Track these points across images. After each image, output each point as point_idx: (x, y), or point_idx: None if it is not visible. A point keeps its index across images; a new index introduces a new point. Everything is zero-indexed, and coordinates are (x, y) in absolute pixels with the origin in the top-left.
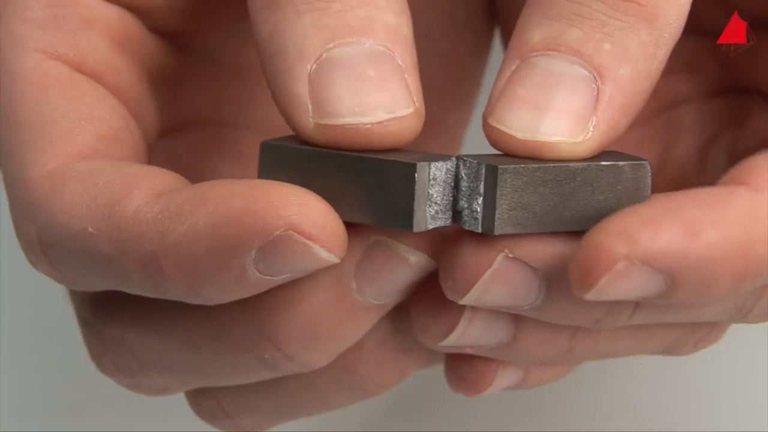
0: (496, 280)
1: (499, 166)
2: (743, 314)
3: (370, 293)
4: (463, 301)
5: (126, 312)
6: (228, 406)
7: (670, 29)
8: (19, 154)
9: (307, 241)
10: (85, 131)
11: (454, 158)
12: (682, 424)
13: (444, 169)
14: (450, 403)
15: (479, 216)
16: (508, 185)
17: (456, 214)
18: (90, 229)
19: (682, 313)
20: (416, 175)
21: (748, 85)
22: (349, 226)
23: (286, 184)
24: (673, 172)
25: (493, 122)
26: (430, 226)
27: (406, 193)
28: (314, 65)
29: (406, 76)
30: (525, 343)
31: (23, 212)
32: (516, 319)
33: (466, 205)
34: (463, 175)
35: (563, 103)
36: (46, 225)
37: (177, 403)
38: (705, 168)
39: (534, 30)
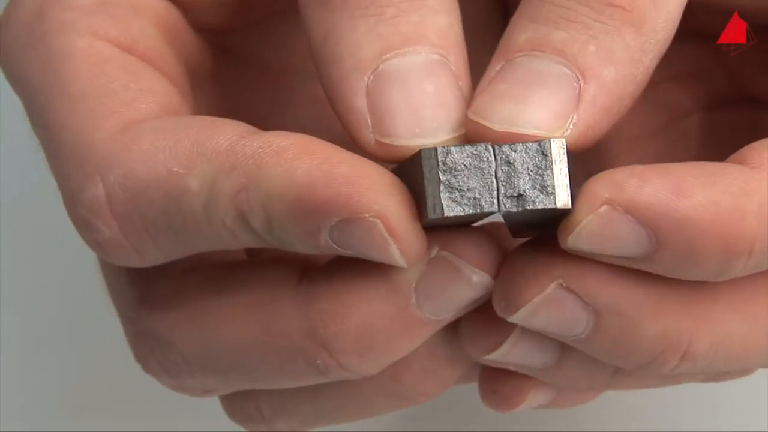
0: (546, 305)
1: (563, 139)
2: None
3: (428, 308)
4: (511, 319)
5: (177, 312)
6: (267, 409)
7: (657, 36)
8: (77, 123)
9: (389, 238)
10: (148, 101)
11: (486, 144)
12: (683, 424)
13: (466, 154)
14: (451, 402)
15: (554, 191)
16: (570, 157)
17: (514, 199)
18: (175, 169)
19: (729, 362)
20: (422, 160)
21: (758, 95)
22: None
23: (395, 177)
24: None
25: (471, 116)
26: (451, 213)
27: (420, 180)
28: (371, 77)
29: (460, 83)
30: (568, 370)
31: (86, 176)
32: (562, 345)
33: (529, 186)
34: (515, 158)
35: (544, 98)
36: (122, 178)
37: (178, 404)
38: None
39: (520, 33)
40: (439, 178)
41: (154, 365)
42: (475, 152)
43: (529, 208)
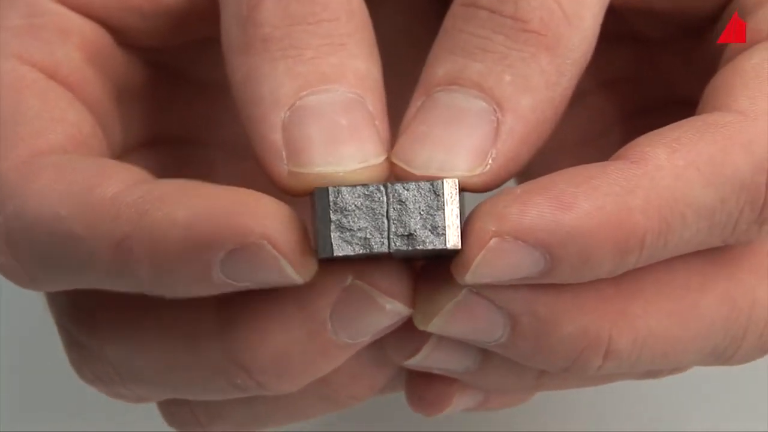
0: (459, 312)
1: (455, 179)
2: (724, 358)
3: (344, 334)
4: (428, 329)
5: (107, 327)
6: (202, 414)
7: (574, 55)
8: None
9: (278, 255)
10: (57, 131)
11: (378, 184)
12: (682, 424)
13: (358, 194)
14: None
15: (444, 232)
16: (461, 197)
17: (405, 238)
18: (62, 213)
19: (656, 360)
20: (315, 200)
21: (685, 96)
22: (328, 265)
23: (275, 200)
24: None
25: (394, 159)
26: (340, 253)
27: (313, 219)
28: (288, 113)
29: (376, 122)
30: (491, 374)
31: None
32: (484, 349)
33: (419, 225)
34: (408, 197)
35: (462, 138)
36: (16, 212)
37: None
38: None
39: (439, 65)
40: (330, 218)
41: (87, 374)
42: (366, 192)
43: (419, 248)
